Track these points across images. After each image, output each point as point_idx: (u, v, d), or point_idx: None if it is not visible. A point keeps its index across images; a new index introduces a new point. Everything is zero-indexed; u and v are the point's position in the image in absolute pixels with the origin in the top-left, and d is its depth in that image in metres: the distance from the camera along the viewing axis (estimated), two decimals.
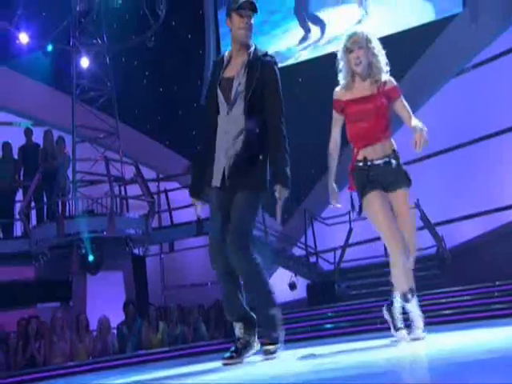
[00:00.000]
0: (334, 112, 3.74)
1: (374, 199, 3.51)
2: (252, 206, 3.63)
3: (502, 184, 9.42)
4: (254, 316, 3.65)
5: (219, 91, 3.65)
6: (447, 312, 7.07)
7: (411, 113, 3.62)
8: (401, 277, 3.51)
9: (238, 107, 3.60)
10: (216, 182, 3.63)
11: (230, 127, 3.61)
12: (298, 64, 11.92)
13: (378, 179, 3.55)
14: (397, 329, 3.60)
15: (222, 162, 3.62)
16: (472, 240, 8.79)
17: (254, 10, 3.64)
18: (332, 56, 3.69)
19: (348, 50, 3.57)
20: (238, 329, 3.62)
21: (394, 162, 3.56)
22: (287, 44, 12.29)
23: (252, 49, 3.69)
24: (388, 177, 3.56)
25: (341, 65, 3.66)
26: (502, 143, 9.68)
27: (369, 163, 3.56)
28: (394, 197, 3.57)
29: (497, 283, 7.21)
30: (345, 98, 3.66)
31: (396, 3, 11.12)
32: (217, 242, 3.63)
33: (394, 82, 3.66)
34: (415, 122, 3.49)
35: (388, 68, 3.66)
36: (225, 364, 3.49)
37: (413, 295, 3.49)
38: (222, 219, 3.62)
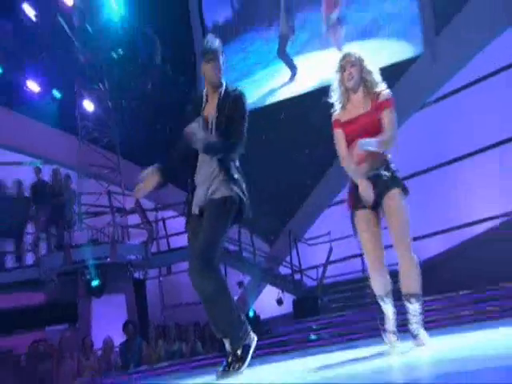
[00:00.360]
0: (335, 131, 3.52)
1: (361, 219, 3.37)
2: (215, 227, 3.47)
3: (458, 206, 9.46)
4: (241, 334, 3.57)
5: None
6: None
7: (389, 128, 3.37)
8: (375, 284, 3.38)
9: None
10: (195, 209, 3.57)
11: (209, 164, 3.57)
12: (280, 102, 11.97)
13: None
14: (386, 332, 3.42)
15: (201, 194, 3.57)
16: (439, 255, 8.77)
17: (216, 54, 3.65)
18: (312, 94, 3.60)
19: (342, 69, 3.44)
20: (228, 344, 3.50)
21: (384, 173, 3.33)
22: (271, 85, 12.33)
23: (223, 88, 3.70)
24: (378, 188, 3.30)
25: (335, 85, 3.51)
26: (458, 170, 9.78)
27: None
28: (387, 198, 3.29)
29: (460, 293, 7.19)
30: (343, 118, 3.48)
31: (367, 47, 11.22)
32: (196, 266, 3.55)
33: (388, 95, 3.44)
34: (376, 139, 3.30)
35: (383, 84, 3.49)
36: (218, 378, 3.40)
37: (417, 300, 3.25)
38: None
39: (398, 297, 3.34)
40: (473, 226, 9.35)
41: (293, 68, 11.92)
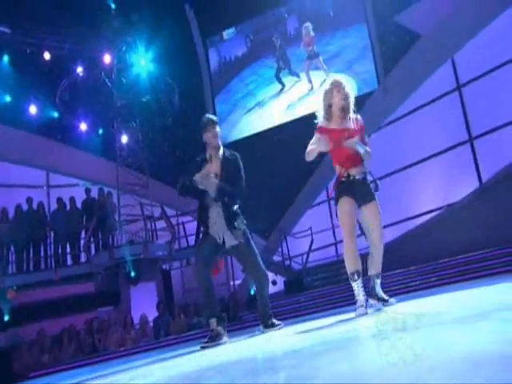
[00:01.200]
0: (316, 134, 3.29)
1: (346, 203, 3.22)
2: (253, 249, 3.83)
3: (407, 202, 9.51)
4: (224, 314, 3.71)
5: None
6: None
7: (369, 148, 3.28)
8: (348, 260, 3.22)
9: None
10: (218, 239, 3.67)
11: (219, 208, 3.68)
12: (274, 127, 12.00)
13: (354, 191, 3.22)
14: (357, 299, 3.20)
15: (217, 229, 3.67)
16: (394, 240, 8.80)
17: (215, 123, 3.78)
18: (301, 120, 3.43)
19: (330, 91, 3.27)
20: (213, 322, 3.53)
21: (368, 177, 3.27)
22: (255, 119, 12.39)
23: (221, 151, 3.80)
24: (363, 188, 3.22)
25: (322, 105, 3.30)
26: (407, 175, 9.81)
27: (351, 178, 3.25)
28: (367, 208, 3.21)
29: (412, 268, 7.26)
30: (329, 126, 3.28)
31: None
32: (204, 263, 3.65)
33: (362, 121, 3.35)
34: (365, 147, 3.23)
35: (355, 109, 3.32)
36: (202, 347, 3.41)
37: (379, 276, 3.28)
38: (209, 253, 3.69)
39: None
40: (418, 218, 9.37)
41: (283, 85, 11.97)
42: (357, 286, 3.20)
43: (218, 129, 3.77)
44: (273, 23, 12.44)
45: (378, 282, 3.30)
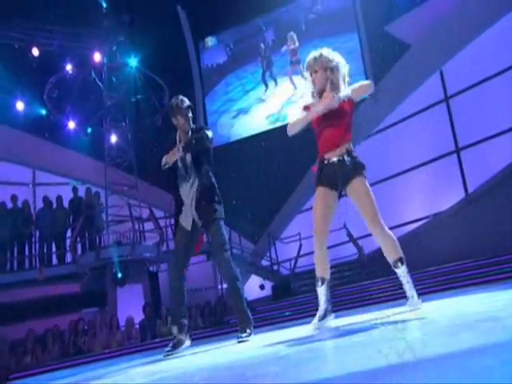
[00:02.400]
0: (300, 111, 3.04)
1: (319, 194, 2.95)
2: (222, 235, 3.53)
3: (395, 210, 9.51)
4: (186, 322, 3.55)
5: (180, 164, 3.61)
6: (365, 297, 7.11)
7: (355, 87, 2.93)
8: (317, 263, 2.97)
9: (191, 173, 3.58)
10: (187, 226, 3.53)
11: (191, 187, 3.55)
12: (262, 133, 12.08)
13: (330, 175, 2.91)
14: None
15: (189, 212, 3.52)
16: (376, 249, 8.82)
17: (180, 108, 3.59)
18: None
19: (310, 72, 2.99)
20: (175, 329, 3.46)
21: (347, 159, 2.87)
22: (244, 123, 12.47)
23: (190, 132, 3.63)
24: (341, 169, 2.87)
25: (308, 85, 3.06)
26: (394, 183, 9.94)
27: (325, 162, 2.94)
28: (350, 188, 2.87)
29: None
30: (306, 105, 3.03)
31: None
32: (176, 266, 3.57)
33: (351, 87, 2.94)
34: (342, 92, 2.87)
35: (347, 79, 3.02)
36: (165, 355, 3.37)
37: (401, 262, 2.83)
38: (183, 253, 3.59)
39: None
40: (405, 226, 9.45)
41: (267, 87, 12.13)
42: (319, 294, 2.98)
43: (185, 113, 3.59)
44: (255, 33, 12.61)
45: (399, 272, 2.85)
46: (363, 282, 7.78)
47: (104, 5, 11.28)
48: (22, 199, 10.33)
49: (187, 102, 3.66)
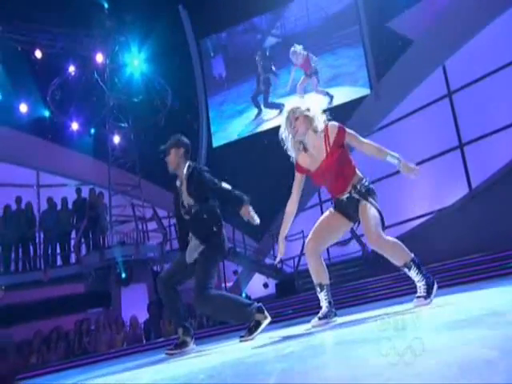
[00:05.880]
0: (296, 173, 3.08)
1: (329, 213, 3.06)
2: (206, 268, 3.39)
3: (399, 207, 9.52)
4: (189, 325, 3.54)
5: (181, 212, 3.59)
6: (368, 294, 7.10)
7: (367, 143, 2.94)
8: (313, 270, 3.02)
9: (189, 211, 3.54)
10: (189, 259, 3.48)
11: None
12: (264, 131, 12.09)
13: (343, 208, 3.01)
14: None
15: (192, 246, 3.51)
16: None
17: (170, 149, 3.55)
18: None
19: (290, 124, 3.02)
20: (179, 331, 3.49)
21: (355, 195, 2.94)
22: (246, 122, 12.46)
23: (185, 171, 3.56)
24: (351, 204, 2.95)
25: (285, 136, 3.05)
26: (398, 181, 9.85)
27: (335, 200, 3.05)
28: (359, 212, 2.92)
29: (402, 272, 7.25)
30: (305, 164, 3.03)
31: (331, 91, 11.35)
32: (164, 277, 3.56)
33: (333, 127, 2.95)
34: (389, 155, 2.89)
35: (324, 117, 3.02)
36: (167, 354, 3.41)
37: (408, 267, 2.85)
38: (174, 269, 3.57)
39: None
40: (409, 222, 9.45)
41: (277, 106, 11.94)
42: (320, 299, 3.03)
43: (172, 154, 3.55)
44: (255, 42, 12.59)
45: (410, 273, 2.88)
46: (367, 279, 7.77)
47: (105, 5, 11.30)
48: (26, 201, 10.38)
49: (175, 140, 3.63)
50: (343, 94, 11.08)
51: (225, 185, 3.53)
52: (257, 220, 3.41)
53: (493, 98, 8.94)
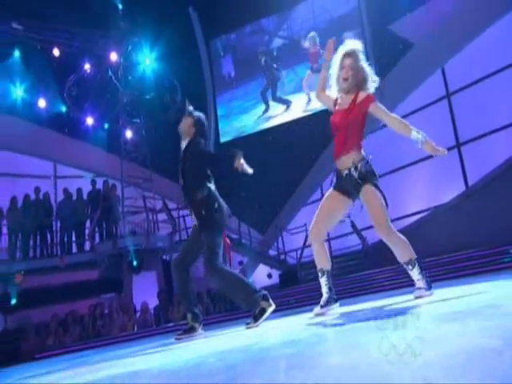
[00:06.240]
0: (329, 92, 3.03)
1: (330, 194, 2.97)
2: (208, 245, 3.36)
3: (396, 204, 9.51)
4: (198, 311, 3.53)
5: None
6: (368, 286, 7.07)
7: (388, 115, 2.83)
8: (316, 255, 2.98)
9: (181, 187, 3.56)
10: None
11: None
12: (270, 128, 12.04)
13: (343, 185, 2.92)
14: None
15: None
16: (379, 240, 8.75)
17: (184, 116, 3.62)
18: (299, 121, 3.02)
19: (342, 63, 2.91)
20: (189, 317, 3.49)
21: (354, 173, 2.85)
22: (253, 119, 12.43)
23: (186, 142, 3.59)
24: (350, 183, 2.86)
25: (334, 73, 2.94)
26: (396, 177, 9.77)
27: (338, 173, 2.96)
28: (361, 195, 2.84)
29: (400, 265, 7.22)
30: (336, 102, 2.97)
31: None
32: (177, 260, 3.56)
33: (365, 93, 2.86)
34: (413, 131, 2.77)
35: (368, 79, 2.89)
36: (176, 339, 3.42)
37: (412, 264, 2.78)
38: (185, 251, 3.55)
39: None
40: (407, 218, 9.39)
41: (285, 102, 11.89)
42: (321, 284, 2.99)
43: (185, 121, 3.60)
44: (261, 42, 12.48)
45: (411, 271, 2.82)
46: (367, 271, 7.76)
47: (120, 7, 11.29)
48: (44, 191, 10.46)
49: (188, 110, 3.68)
50: None
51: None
52: (250, 170, 3.34)
53: (489, 100, 8.87)
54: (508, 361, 0.83)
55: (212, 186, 3.48)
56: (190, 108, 3.71)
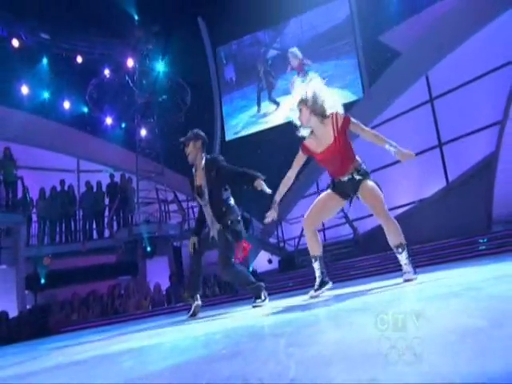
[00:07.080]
0: (300, 152, 2.95)
1: (327, 194, 2.99)
2: (222, 248, 3.43)
3: (389, 197, 9.47)
4: (198, 296, 3.59)
5: (196, 195, 3.57)
6: (359, 271, 7.06)
7: (368, 131, 2.80)
8: (309, 243, 2.99)
9: (207, 201, 3.52)
10: (212, 233, 3.52)
11: (209, 212, 3.52)
12: (270, 128, 11.99)
13: (343, 189, 2.92)
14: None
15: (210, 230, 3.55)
16: (373, 228, 8.84)
17: (188, 141, 3.48)
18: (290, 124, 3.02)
19: (299, 110, 2.95)
20: (191, 300, 3.56)
21: (356, 176, 2.86)
22: (253, 119, 12.35)
23: (203, 161, 3.51)
24: (351, 185, 2.87)
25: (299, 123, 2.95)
26: (385, 173, 9.75)
27: (337, 180, 2.97)
28: (360, 191, 2.83)
29: (388, 252, 7.23)
30: (313, 147, 2.91)
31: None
32: (196, 251, 3.58)
33: (342, 116, 2.81)
34: (387, 143, 2.73)
35: (332, 103, 2.85)
36: (189, 317, 3.50)
37: (402, 248, 2.76)
38: (201, 244, 3.58)
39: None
40: (394, 210, 9.27)
41: (277, 103, 11.94)
42: (315, 268, 3.00)
43: (191, 146, 3.46)
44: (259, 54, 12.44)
45: (400, 255, 2.79)
46: (357, 258, 7.74)
47: (136, 18, 11.24)
48: (68, 183, 10.50)
49: (193, 133, 3.56)
50: (339, 96, 10.93)
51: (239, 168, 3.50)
52: (268, 190, 3.35)
53: (469, 104, 8.81)
54: (496, 339, 0.81)
55: (232, 200, 3.54)
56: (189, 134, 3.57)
